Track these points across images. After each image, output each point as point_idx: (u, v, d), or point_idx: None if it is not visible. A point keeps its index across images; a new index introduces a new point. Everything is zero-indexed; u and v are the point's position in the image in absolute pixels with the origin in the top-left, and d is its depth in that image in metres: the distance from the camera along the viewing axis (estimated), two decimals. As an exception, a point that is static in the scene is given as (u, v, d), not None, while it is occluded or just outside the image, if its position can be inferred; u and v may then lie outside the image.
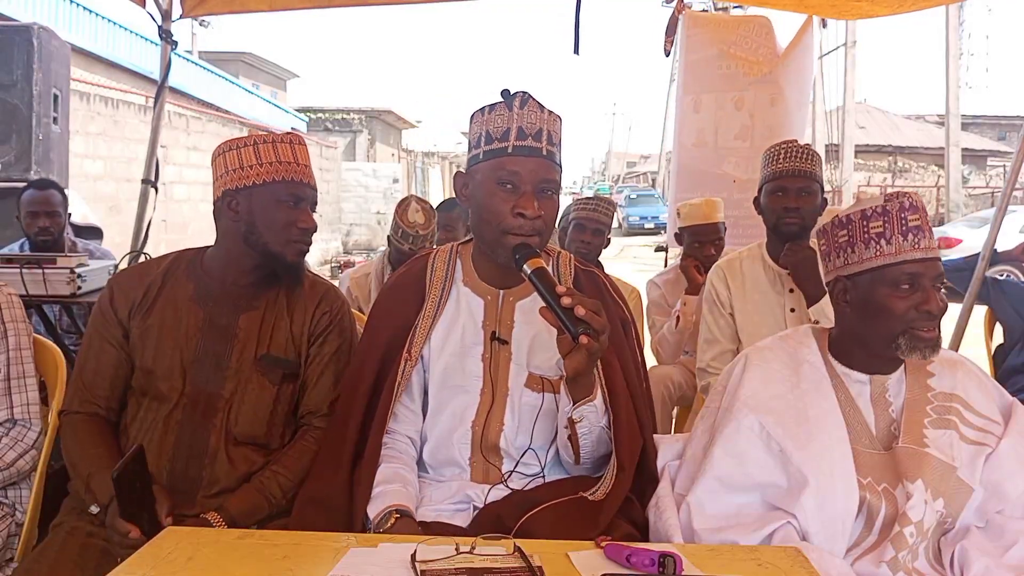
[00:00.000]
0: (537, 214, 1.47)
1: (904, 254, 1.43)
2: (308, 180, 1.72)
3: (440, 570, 1.13)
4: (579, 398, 1.44)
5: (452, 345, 1.60)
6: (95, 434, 1.66)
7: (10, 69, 4.08)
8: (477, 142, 1.53)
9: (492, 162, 1.49)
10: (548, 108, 1.52)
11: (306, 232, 1.70)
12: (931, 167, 24.11)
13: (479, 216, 1.53)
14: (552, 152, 1.50)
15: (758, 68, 4.27)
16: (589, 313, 1.32)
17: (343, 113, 22.47)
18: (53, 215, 3.48)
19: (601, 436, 1.50)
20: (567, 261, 1.69)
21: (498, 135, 1.49)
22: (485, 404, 1.57)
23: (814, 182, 2.42)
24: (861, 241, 1.47)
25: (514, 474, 1.55)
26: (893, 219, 1.44)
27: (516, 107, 1.49)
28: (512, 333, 1.59)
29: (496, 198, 1.48)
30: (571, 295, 1.33)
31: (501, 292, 1.61)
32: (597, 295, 1.62)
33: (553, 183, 1.51)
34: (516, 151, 1.48)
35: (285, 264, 1.71)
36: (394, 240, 3.25)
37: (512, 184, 1.48)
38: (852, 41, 17.12)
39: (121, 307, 1.71)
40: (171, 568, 1.14)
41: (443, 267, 1.64)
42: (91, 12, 11.18)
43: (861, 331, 1.50)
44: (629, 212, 26.53)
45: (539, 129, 1.49)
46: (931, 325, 1.43)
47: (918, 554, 1.40)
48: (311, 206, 1.73)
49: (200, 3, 3.43)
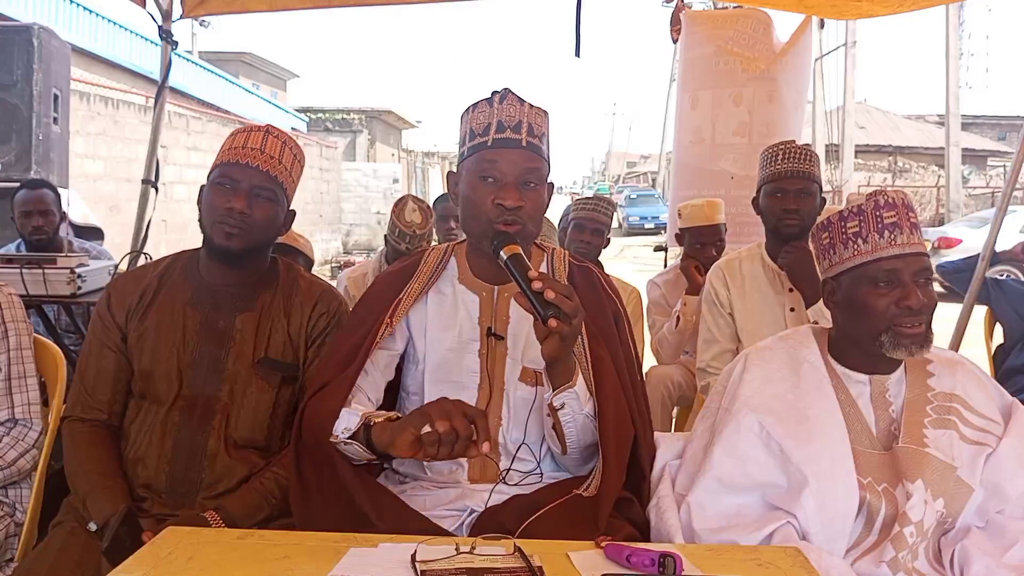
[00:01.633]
0: (517, 204, 1.47)
1: (880, 251, 1.45)
2: (255, 163, 1.65)
3: (440, 570, 1.13)
4: (558, 384, 1.45)
5: (448, 341, 1.60)
6: (95, 447, 1.66)
7: (10, 69, 4.09)
8: (463, 140, 1.56)
9: (475, 157, 1.51)
10: (530, 103, 1.53)
11: (230, 213, 1.62)
12: (931, 167, 24.09)
13: (465, 211, 1.55)
14: (534, 144, 1.51)
15: (756, 64, 4.26)
16: (559, 296, 1.33)
17: (343, 113, 22.48)
18: (47, 214, 3.48)
19: (586, 424, 1.50)
20: (561, 257, 1.69)
21: (480, 130, 1.51)
22: (482, 400, 1.57)
23: (812, 183, 2.43)
24: (840, 242, 1.50)
25: (511, 471, 1.55)
26: (869, 217, 1.46)
27: (496, 102, 1.52)
28: (508, 328, 1.60)
29: (479, 191, 1.50)
30: (542, 279, 1.34)
31: (496, 288, 1.61)
32: (590, 289, 1.63)
33: (535, 173, 1.51)
34: (496, 144, 1.49)
35: (214, 247, 1.67)
36: (391, 239, 3.25)
37: (493, 177, 1.49)
38: (852, 41, 17.10)
39: (118, 311, 1.71)
40: (171, 568, 1.14)
41: (435, 262, 1.65)
42: (91, 12, 11.18)
43: (850, 331, 1.52)
44: (629, 212, 26.53)
45: (518, 121, 1.50)
46: (913, 321, 1.43)
47: (918, 554, 1.40)
48: (259, 192, 1.65)
49: (200, 3, 3.42)
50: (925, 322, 1.44)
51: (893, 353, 1.45)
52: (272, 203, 1.68)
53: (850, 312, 1.49)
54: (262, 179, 1.66)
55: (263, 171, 1.66)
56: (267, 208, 1.67)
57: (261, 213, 1.66)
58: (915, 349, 1.44)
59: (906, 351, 1.44)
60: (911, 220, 1.47)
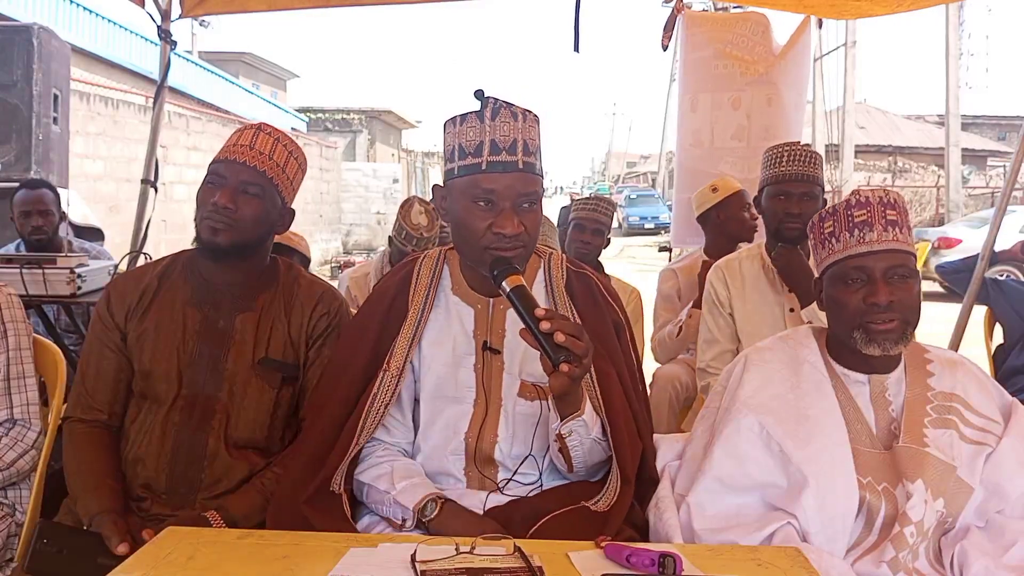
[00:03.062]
0: (517, 230, 1.41)
1: (849, 249, 1.47)
2: (242, 159, 1.64)
3: (440, 570, 1.13)
4: (567, 413, 1.41)
5: (443, 355, 1.56)
6: (94, 448, 1.66)
7: (10, 69, 4.09)
8: (451, 155, 1.46)
9: (467, 179, 1.43)
10: (522, 112, 1.44)
11: (216, 208, 1.61)
12: (931, 167, 24.07)
13: (458, 233, 1.48)
14: (529, 163, 1.43)
15: (755, 68, 4.26)
16: (569, 339, 1.26)
17: (343, 113, 22.48)
18: (46, 214, 3.48)
19: (593, 447, 1.48)
20: (559, 263, 1.64)
21: (471, 149, 1.42)
22: (479, 415, 1.54)
23: (816, 186, 2.43)
24: (819, 242, 1.55)
25: (511, 483, 1.53)
26: (841, 217, 1.49)
27: (488, 119, 1.42)
28: (504, 342, 1.56)
29: (473, 215, 1.42)
30: (551, 319, 1.27)
31: (491, 301, 1.57)
32: (589, 298, 1.59)
33: (532, 195, 1.44)
34: (491, 167, 1.41)
35: (202, 243, 1.67)
36: (396, 241, 3.24)
37: (489, 201, 1.42)
38: (852, 41, 17.11)
39: (118, 311, 1.71)
40: (171, 568, 1.14)
41: (428, 274, 1.59)
42: (91, 12, 11.18)
43: (833, 329, 1.54)
44: (629, 212, 26.53)
45: (513, 140, 1.42)
46: (883, 318, 1.43)
47: (918, 554, 1.40)
48: (245, 188, 1.64)
49: (200, 3, 3.42)
50: (899, 319, 1.44)
51: (867, 349, 1.46)
52: (259, 199, 1.66)
53: (829, 310, 1.53)
54: (249, 175, 1.64)
55: (250, 167, 1.64)
56: (254, 204, 1.65)
57: (248, 209, 1.64)
58: (889, 346, 1.45)
59: (879, 347, 1.45)
60: (887, 217, 1.46)
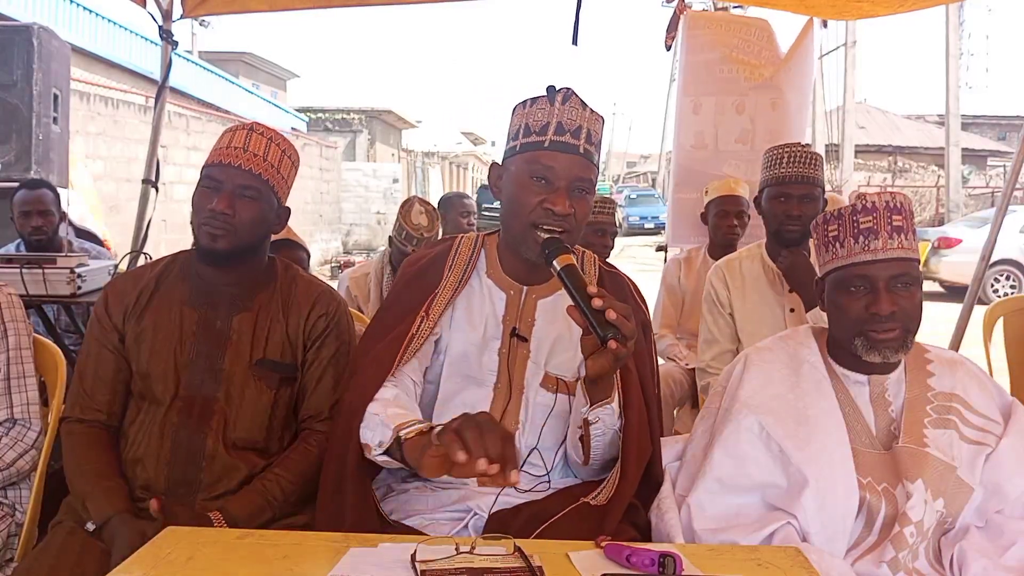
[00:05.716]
0: (567, 211, 1.44)
1: (853, 256, 1.46)
2: (237, 163, 1.63)
3: (440, 570, 1.13)
4: (597, 400, 1.42)
5: (471, 336, 1.57)
6: (94, 448, 1.65)
7: (10, 69, 4.07)
8: (516, 134, 1.51)
9: (528, 155, 1.48)
10: (591, 107, 1.50)
11: (214, 215, 1.61)
12: (931, 167, 24.08)
13: (509, 208, 1.52)
14: (589, 151, 1.48)
15: (759, 72, 4.26)
16: (620, 318, 1.28)
17: (343, 113, 22.46)
18: (46, 214, 3.47)
19: (614, 439, 1.48)
20: (592, 261, 1.66)
21: (536, 128, 1.47)
22: (500, 401, 1.55)
23: (816, 187, 2.42)
24: (822, 244, 1.53)
25: (521, 474, 1.51)
26: (846, 222, 1.48)
27: (558, 102, 1.48)
28: (532, 331, 1.57)
29: (528, 191, 1.46)
30: (603, 297, 1.29)
31: (524, 288, 1.59)
32: (621, 297, 1.59)
33: (587, 182, 1.48)
34: (553, 146, 1.46)
35: (201, 250, 1.67)
36: (397, 241, 3.25)
37: (546, 179, 1.46)
38: (852, 41, 17.10)
39: (115, 312, 1.71)
40: (171, 568, 1.14)
41: (467, 252, 1.62)
42: (91, 12, 11.16)
43: (833, 332, 1.54)
44: (629, 212, 26.55)
45: (579, 126, 1.47)
46: (884, 327, 1.43)
47: (918, 554, 1.40)
48: (242, 192, 1.63)
49: (200, 3, 3.42)
50: (900, 327, 1.44)
51: (867, 356, 1.46)
52: (257, 202, 1.66)
53: (831, 314, 1.52)
54: (245, 178, 1.64)
55: (246, 170, 1.64)
56: (252, 207, 1.65)
57: (246, 213, 1.64)
58: (889, 354, 1.45)
59: (879, 355, 1.45)
60: (893, 223, 1.45)
